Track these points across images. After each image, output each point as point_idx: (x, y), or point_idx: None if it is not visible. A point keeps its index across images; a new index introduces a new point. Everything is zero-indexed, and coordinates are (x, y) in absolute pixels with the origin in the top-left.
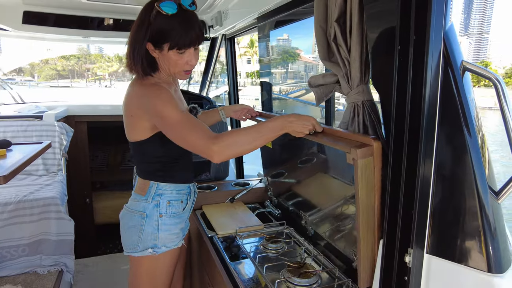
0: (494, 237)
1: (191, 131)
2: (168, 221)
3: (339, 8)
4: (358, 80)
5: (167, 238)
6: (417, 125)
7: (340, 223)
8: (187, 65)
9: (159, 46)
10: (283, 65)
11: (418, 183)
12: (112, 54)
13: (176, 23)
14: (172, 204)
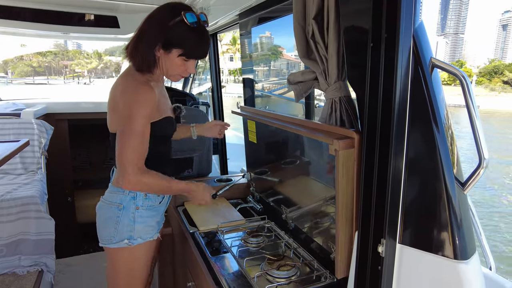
0: (460, 227)
1: (132, 149)
2: (144, 214)
3: (317, 6)
4: (335, 77)
5: (143, 230)
6: (388, 120)
7: (319, 217)
8: (186, 72)
9: (168, 49)
10: (265, 62)
11: (390, 176)
12: (91, 51)
13: (195, 35)
14: (148, 196)
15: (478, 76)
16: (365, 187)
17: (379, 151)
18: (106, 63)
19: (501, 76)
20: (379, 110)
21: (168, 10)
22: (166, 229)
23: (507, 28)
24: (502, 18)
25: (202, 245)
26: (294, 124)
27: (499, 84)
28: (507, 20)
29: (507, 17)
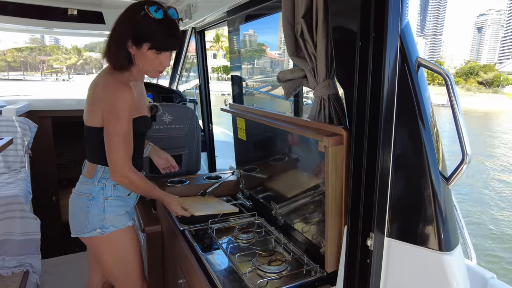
0: (445, 220)
1: (119, 148)
2: (113, 203)
3: (306, 5)
4: (324, 75)
5: (114, 219)
6: (376, 117)
7: (308, 213)
8: (161, 66)
9: (138, 44)
10: (250, 60)
11: (378, 172)
12: (70, 46)
13: (161, 27)
14: (117, 187)
15: (455, 77)
16: (353, 183)
17: (367, 148)
18: (86, 59)
19: (476, 77)
20: (367, 108)
21: (134, 7)
22: (155, 227)
23: (482, 30)
24: (477, 21)
25: (193, 242)
26: (284, 122)
27: (474, 84)
28: (482, 23)
29: (482, 20)
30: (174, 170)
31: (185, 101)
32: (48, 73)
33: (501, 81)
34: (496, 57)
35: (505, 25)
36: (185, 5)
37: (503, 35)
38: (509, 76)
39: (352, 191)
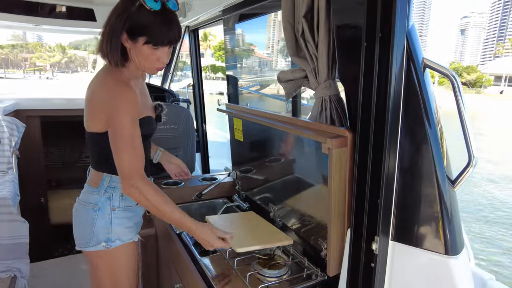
0: (451, 223)
1: (128, 151)
2: (121, 214)
3: (307, 4)
4: (325, 75)
5: (121, 232)
6: (383, 118)
7: (308, 215)
8: (159, 62)
9: (134, 38)
10: (244, 59)
11: (384, 174)
12: (54, 43)
13: (158, 20)
14: (125, 197)
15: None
16: (358, 185)
17: (373, 149)
18: (71, 57)
19: (460, 78)
20: (372, 109)
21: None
22: (149, 230)
23: (465, 32)
24: (461, 22)
25: (190, 246)
26: (285, 123)
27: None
28: (465, 25)
29: (465, 22)
30: (187, 177)
31: (178, 100)
32: (31, 71)
33: (483, 82)
34: (479, 58)
35: (487, 28)
36: (180, 3)
37: (485, 37)
38: (491, 77)
39: (356, 193)
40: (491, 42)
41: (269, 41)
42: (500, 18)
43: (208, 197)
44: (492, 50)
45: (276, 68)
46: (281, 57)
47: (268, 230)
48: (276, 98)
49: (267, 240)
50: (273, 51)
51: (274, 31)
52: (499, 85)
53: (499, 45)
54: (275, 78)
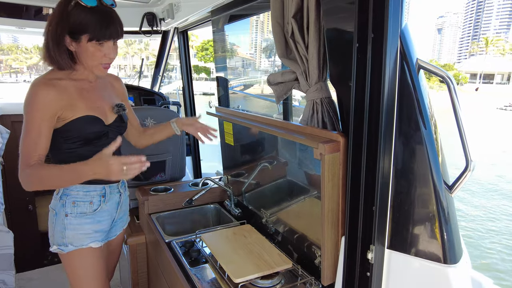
0: (449, 230)
1: (24, 146)
2: (74, 221)
3: (296, 4)
4: (316, 78)
5: (73, 237)
6: (376, 122)
7: (301, 221)
8: (105, 58)
9: (77, 38)
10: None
11: (378, 180)
12: (31, 45)
13: (97, 15)
14: (78, 204)
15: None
16: (352, 192)
17: (367, 154)
18: None
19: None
20: (366, 112)
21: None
22: (138, 238)
23: (441, 31)
24: (437, 22)
25: (180, 256)
26: (277, 127)
27: (436, 83)
28: (441, 25)
29: (441, 21)
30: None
31: (168, 103)
32: (6, 73)
33: (460, 79)
34: (455, 57)
35: (462, 27)
36: (167, 4)
37: (460, 36)
38: (467, 75)
39: (350, 201)
40: (466, 41)
41: (252, 41)
42: (474, 18)
43: (199, 202)
44: (468, 49)
45: (260, 68)
46: (264, 58)
47: (266, 249)
48: (266, 99)
49: (265, 265)
50: (256, 51)
51: (256, 32)
52: (475, 82)
53: (474, 44)
54: (259, 79)
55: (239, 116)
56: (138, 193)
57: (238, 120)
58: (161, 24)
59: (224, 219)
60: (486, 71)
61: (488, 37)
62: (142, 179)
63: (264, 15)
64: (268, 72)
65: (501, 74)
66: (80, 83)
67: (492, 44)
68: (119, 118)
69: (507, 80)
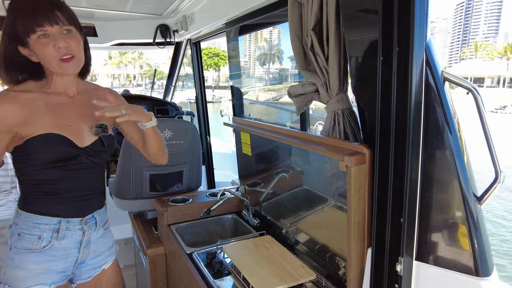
0: (480, 242)
1: None
2: (16, 257)
3: (315, 17)
4: (337, 89)
5: (12, 276)
6: (403, 134)
7: (323, 231)
8: (58, 50)
9: (23, 42)
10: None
11: (407, 191)
12: None
13: (22, 4)
14: (23, 237)
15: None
16: (379, 204)
17: (394, 166)
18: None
19: None
20: (392, 124)
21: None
22: (157, 249)
23: (432, 36)
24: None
25: (202, 267)
26: (299, 138)
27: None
28: (432, 30)
29: (432, 26)
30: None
31: (182, 113)
32: None
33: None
34: (446, 61)
35: (452, 32)
36: (181, 16)
37: (450, 41)
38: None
39: (377, 212)
40: (456, 46)
41: (246, 50)
42: (463, 23)
43: (217, 213)
44: (458, 53)
45: (254, 75)
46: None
47: (288, 261)
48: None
49: (289, 276)
50: (250, 59)
51: (250, 40)
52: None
53: (465, 48)
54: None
55: (258, 127)
56: (156, 204)
57: (258, 131)
58: (174, 36)
59: (242, 230)
60: (476, 75)
61: (477, 41)
62: (160, 190)
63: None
64: (263, 79)
65: (491, 78)
66: (54, 98)
67: (482, 48)
68: (99, 141)
69: (497, 83)
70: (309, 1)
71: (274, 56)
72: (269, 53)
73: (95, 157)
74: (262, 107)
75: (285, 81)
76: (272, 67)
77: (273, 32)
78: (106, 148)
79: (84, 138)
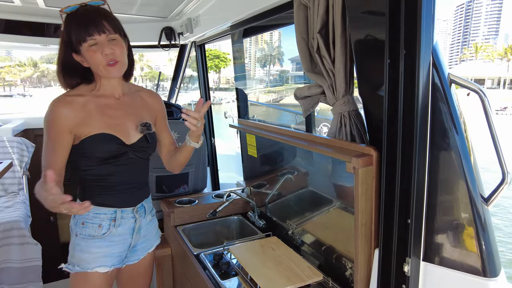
0: (487, 242)
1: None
2: (82, 242)
3: (321, 20)
4: (343, 91)
5: (80, 259)
6: (411, 136)
7: (329, 232)
8: (104, 56)
9: (76, 50)
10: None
11: (414, 193)
12: (25, 58)
13: (77, 18)
14: (87, 226)
15: None
16: (386, 205)
17: (401, 167)
18: (43, 71)
19: None
20: (399, 126)
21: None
22: (164, 250)
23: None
24: None
25: (210, 268)
26: (305, 140)
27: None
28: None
29: None
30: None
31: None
32: (0, 86)
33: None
34: (447, 63)
35: (452, 33)
36: (186, 19)
37: (450, 42)
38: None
39: (384, 213)
40: (456, 47)
41: (246, 51)
42: (463, 24)
43: (223, 214)
44: (458, 55)
45: (255, 77)
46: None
47: (294, 262)
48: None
49: (296, 277)
50: (250, 61)
51: (250, 42)
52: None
53: (465, 50)
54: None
55: (265, 129)
56: (163, 206)
57: (265, 134)
58: (179, 38)
59: (248, 231)
60: (476, 76)
61: (477, 43)
62: (166, 191)
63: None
64: (263, 81)
65: (491, 79)
66: (103, 100)
67: (482, 49)
68: (144, 138)
69: (497, 84)
70: (315, 4)
71: (275, 58)
72: (270, 54)
73: (141, 153)
74: (262, 108)
75: (286, 83)
76: (273, 69)
77: (274, 34)
78: (150, 144)
79: (130, 136)
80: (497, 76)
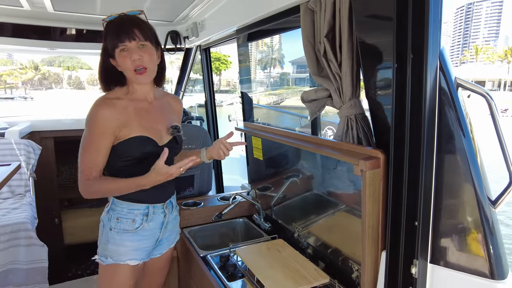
0: (495, 245)
1: (84, 160)
2: (116, 236)
3: (328, 24)
4: (350, 94)
5: (114, 251)
6: (418, 138)
7: (335, 235)
8: (133, 62)
9: (112, 55)
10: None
11: (421, 195)
12: (26, 61)
13: (114, 25)
14: (121, 221)
15: None
16: (393, 208)
17: (408, 170)
18: (44, 74)
19: None
20: (407, 129)
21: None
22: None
23: None
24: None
25: (216, 270)
26: (313, 143)
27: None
28: None
29: None
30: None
31: (192, 118)
32: (1, 88)
33: None
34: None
35: (452, 36)
36: (191, 23)
37: (450, 44)
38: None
39: (391, 216)
40: (457, 49)
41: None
42: (464, 27)
43: (228, 216)
44: (458, 57)
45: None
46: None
47: (301, 264)
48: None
49: (303, 279)
50: (251, 64)
51: (251, 45)
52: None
53: (466, 52)
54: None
55: (271, 132)
56: None
57: (272, 137)
58: (185, 42)
59: (253, 233)
60: (477, 78)
61: (477, 45)
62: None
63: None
64: (264, 83)
65: (491, 81)
66: (139, 103)
67: (483, 51)
68: (173, 140)
69: (498, 86)
70: (322, 9)
71: (276, 60)
72: (271, 57)
73: (171, 153)
74: (263, 111)
75: (286, 85)
76: (273, 71)
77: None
78: (179, 145)
79: (162, 138)
80: (497, 78)
